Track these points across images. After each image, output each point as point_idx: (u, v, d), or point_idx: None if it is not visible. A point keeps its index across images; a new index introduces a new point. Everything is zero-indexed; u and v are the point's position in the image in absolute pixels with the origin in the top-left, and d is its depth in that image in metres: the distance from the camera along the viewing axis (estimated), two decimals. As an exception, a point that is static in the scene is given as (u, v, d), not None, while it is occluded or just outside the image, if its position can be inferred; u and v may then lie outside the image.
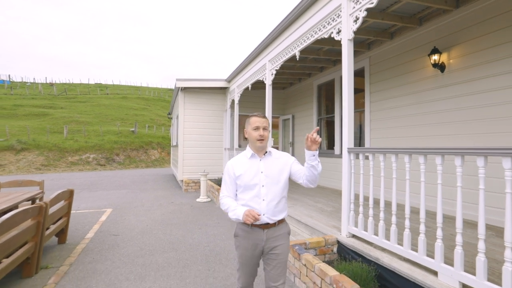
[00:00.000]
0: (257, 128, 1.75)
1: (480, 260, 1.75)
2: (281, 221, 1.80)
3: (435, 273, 2.06)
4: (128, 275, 2.82)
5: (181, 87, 8.31)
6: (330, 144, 7.06)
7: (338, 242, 2.98)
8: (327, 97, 7.25)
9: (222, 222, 4.83)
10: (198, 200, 6.78)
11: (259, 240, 1.74)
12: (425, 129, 4.34)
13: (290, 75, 7.61)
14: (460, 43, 3.92)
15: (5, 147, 14.95)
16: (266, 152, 1.82)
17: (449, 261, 2.02)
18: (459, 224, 1.90)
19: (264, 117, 1.81)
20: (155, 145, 21.87)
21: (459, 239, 1.90)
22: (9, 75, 49.70)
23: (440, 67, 4.12)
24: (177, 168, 9.02)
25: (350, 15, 3.07)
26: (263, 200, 1.73)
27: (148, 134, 23.81)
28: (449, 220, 3.18)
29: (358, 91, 5.94)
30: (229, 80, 8.15)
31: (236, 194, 1.82)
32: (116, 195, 7.55)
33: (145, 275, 2.83)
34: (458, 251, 1.89)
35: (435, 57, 4.11)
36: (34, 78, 53.84)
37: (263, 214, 1.72)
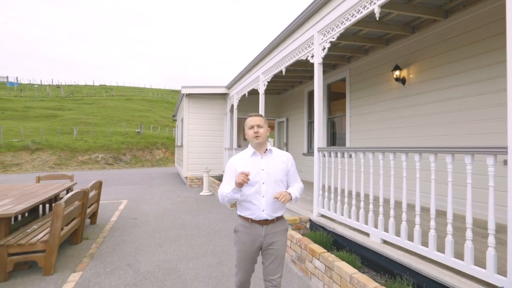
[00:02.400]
0: (251, 127, 1.85)
1: (393, 221, 2.63)
2: (280, 217, 1.87)
3: (368, 234, 2.94)
4: (150, 244, 3.73)
5: (186, 93, 9.23)
6: (318, 144, 7.93)
7: (310, 220, 3.87)
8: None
9: (221, 211, 5.73)
10: (201, 193, 7.69)
11: (258, 236, 1.79)
12: (392, 132, 5.19)
13: (283, 83, 8.49)
14: (416, 62, 4.78)
15: (21, 147, 15.99)
16: (267, 150, 1.89)
17: (376, 226, 2.90)
18: (381, 199, 2.78)
19: (258, 115, 1.90)
20: (160, 145, 22.82)
21: (381, 209, 2.78)
22: (16, 77, 50.98)
23: (402, 81, 4.98)
24: (182, 166, 9.94)
25: (320, 44, 3.95)
26: (263, 196, 1.79)
27: (153, 135, 24.78)
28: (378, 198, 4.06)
29: (342, 96, 6.82)
30: (229, 87, 9.05)
31: None
32: (128, 190, 8.49)
33: (162, 244, 3.74)
34: (380, 218, 2.77)
35: (397, 72, 4.97)
36: (41, 80, 55.12)
37: (263, 210, 1.79)
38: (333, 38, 3.66)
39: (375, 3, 2.91)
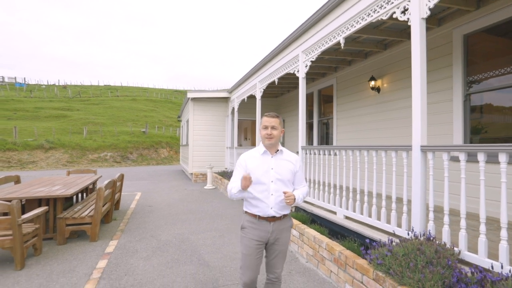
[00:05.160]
0: (265, 127, 1.87)
1: (352, 202, 3.51)
2: (286, 215, 1.92)
3: (335, 213, 3.83)
4: (165, 223, 4.66)
5: (191, 97, 10.15)
6: (310, 142, 8.82)
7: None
8: (308, 105, 9.00)
9: (223, 201, 6.64)
10: (205, 187, 8.61)
11: (265, 232, 1.83)
12: (370, 133, 6.04)
13: (280, 88, 9.37)
14: (388, 74, 5.65)
15: (36, 146, 17.04)
16: (278, 150, 1.93)
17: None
18: (344, 186, 3.67)
19: (274, 116, 1.90)
20: (164, 144, 23.80)
21: (344, 193, 3.66)
22: (24, 78, 52.24)
23: (377, 89, 5.85)
24: (187, 164, 10.86)
25: (303, 62, 4.84)
26: (272, 195, 1.83)
27: (158, 134, 25.76)
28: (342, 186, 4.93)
29: (332, 100, 7.68)
30: (230, 91, 9.96)
31: None
32: (140, 184, 9.44)
33: (175, 223, 4.66)
34: (344, 199, 3.65)
35: (372, 82, 5.84)
36: (47, 81, 56.33)
37: (271, 208, 1.82)
38: (313, 58, 4.54)
39: (340, 35, 3.80)
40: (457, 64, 4.26)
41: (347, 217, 3.63)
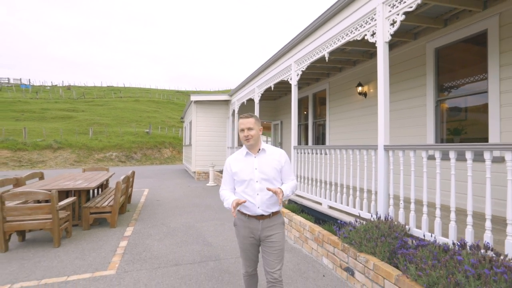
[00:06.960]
0: (242, 130, 1.89)
1: (334, 193, 4.11)
2: (276, 213, 1.93)
3: (320, 203, 4.42)
4: (173, 214, 5.27)
5: (194, 100, 10.78)
6: (306, 142, 9.41)
7: (288, 198, 5.36)
8: (304, 107, 9.59)
9: (224, 196, 7.26)
10: (207, 184, 9.22)
11: (255, 230, 1.88)
12: (358, 134, 6.63)
13: (277, 91, 9.96)
14: (374, 80, 6.22)
15: (44, 146, 17.73)
16: (260, 149, 1.94)
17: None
18: (328, 181, 4.26)
19: (249, 116, 1.92)
20: (167, 145, 24.45)
21: (328, 186, 4.26)
22: (29, 80, 53.11)
23: (364, 94, 6.43)
24: (190, 163, 11.48)
25: (295, 71, 5.44)
26: (258, 194, 1.85)
27: (161, 135, 26.42)
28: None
29: (325, 102, 8.26)
30: (231, 94, 10.58)
31: (234, 188, 1.97)
32: (146, 182, 10.07)
33: (181, 214, 5.27)
34: (327, 191, 4.24)
35: (359, 88, 6.43)
36: (51, 82, 57.15)
37: (258, 207, 1.85)
38: (303, 68, 5.15)
39: (325, 50, 4.40)
40: (429, 73, 4.84)
41: (330, 207, 4.23)
